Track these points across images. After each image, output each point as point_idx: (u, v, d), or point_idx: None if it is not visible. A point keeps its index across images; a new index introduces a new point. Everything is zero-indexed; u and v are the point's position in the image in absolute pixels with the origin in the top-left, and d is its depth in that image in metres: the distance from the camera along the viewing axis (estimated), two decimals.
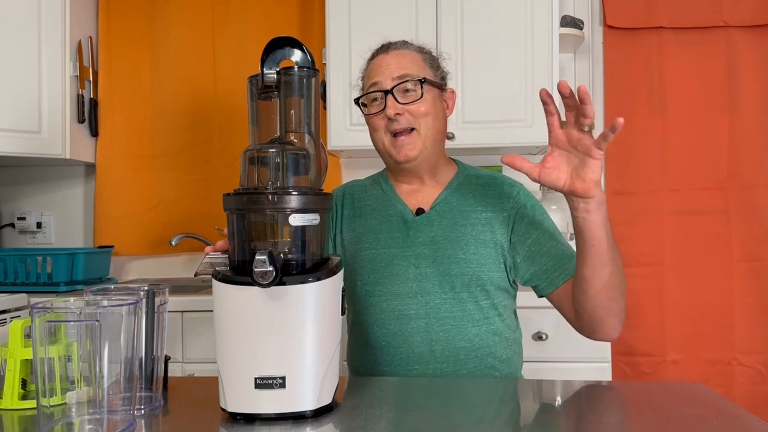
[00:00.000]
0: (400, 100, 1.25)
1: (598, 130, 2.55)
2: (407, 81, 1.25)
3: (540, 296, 1.28)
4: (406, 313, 1.25)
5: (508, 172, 2.56)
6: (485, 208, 1.30)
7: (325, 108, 2.33)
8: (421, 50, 1.33)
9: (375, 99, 1.28)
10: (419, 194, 1.34)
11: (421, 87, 1.25)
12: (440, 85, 1.32)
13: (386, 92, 1.25)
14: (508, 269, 1.28)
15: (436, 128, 1.29)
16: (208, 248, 0.99)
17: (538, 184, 2.37)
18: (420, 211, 1.31)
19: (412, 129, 1.26)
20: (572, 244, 1.17)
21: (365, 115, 1.31)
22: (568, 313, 1.24)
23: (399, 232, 1.29)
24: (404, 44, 1.32)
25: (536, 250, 1.25)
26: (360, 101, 1.31)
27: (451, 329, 1.23)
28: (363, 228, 1.33)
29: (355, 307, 1.33)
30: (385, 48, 1.31)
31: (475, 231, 1.27)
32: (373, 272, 1.28)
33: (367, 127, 1.34)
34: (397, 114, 1.24)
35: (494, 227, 1.28)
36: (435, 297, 1.24)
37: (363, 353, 1.31)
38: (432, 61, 1.33)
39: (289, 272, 0.86)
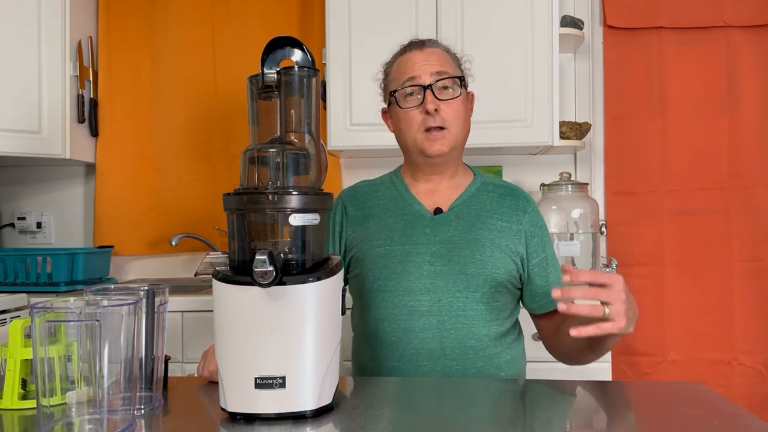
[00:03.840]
0: (438, 96, 1.26)
1: (598, 126, 2.55)
2: (446, 78, 1.27)
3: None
4: (418, 309, 1.25)
5: (508, 174, 2.57)
6: (501, 216, 1.32)
7: (325, 108, 2.33)
8: (449, 50, 1.35)
9: (410, 94, 1.29)
10: (435, 195, 1.34)
11: (459, 85, 1.28)
12: (467, 86, 1.34)
13: (425, 87, 1.26)
14: (520, 277, 1.32)
15: (465, 130, 1.32)
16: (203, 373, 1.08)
17: (539, 183, 2.38)
18: (438, 211, 1.32)
19: (444, 128, 1.27)
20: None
21: (400, 108, 1.30)
22: (543, 334, 1.36)
23: (415, 230, 1.30)
24: (436, 43, 1.34)
25: (538, 272, 1.32)
26: (396, 95, 1.30)
27: (462, 327, 1.24)
28: (376, 226, 1.33)
29: (364, 303, 1.32)
30: (419, 45, 1.33)
31: (491, 235, 1.29)
32: (386, 268, 1.28)
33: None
34: (436, 110, 1.25)
35: (509, 236, 1.30)
36: (448, 295, 1.25)
37: (371, 348, 1.31)
38: (458, 62, 1.35)
39: (289, 272, 0.86)
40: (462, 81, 1.29)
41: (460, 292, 1.25)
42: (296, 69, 0.94)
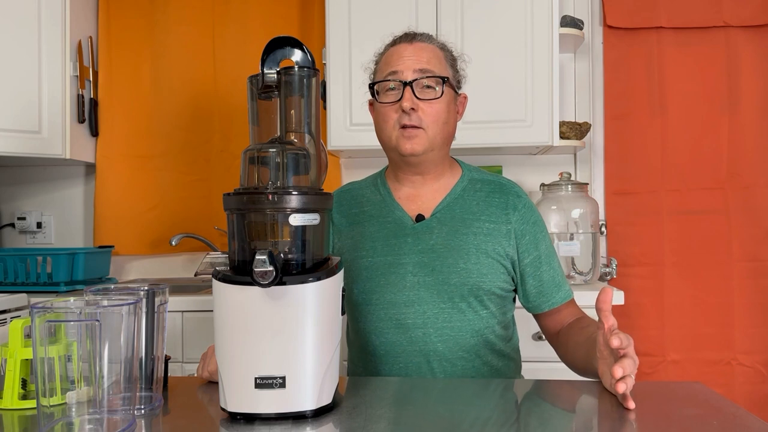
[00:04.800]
0: (418, 95, 1.20)
1: (598, 125, 2.55)
2: (429, 77, 1.21)
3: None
4: (404, 323, 1.22)
5: (509, 174, 2.57)
6: (488, 218, 1.26)
7: (325, 108, 2.33)
8: (444, 47, 1.29)
9: (391, 88, 1.22)
10: (419, 200, 1.29)
11: (442, 86, 1.22)
12: (456, 88, 1.28)
13: (405, 84, 1.20)
14: (513, 278, 1.28)
15: (445, 132, 1.25)
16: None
17: (539, 183, 2.38)
18: (420, 218, 1.27)
19: (420, 128, 1.21)
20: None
21: (378, 102, 1.25)
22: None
23: (396, 239, 1.25)
24: (429, 38, 1.27)
25: (530, 271, 1.27)
26: (374, 88, 1.26)
27: (449, 339, 1.21)
28: (361, 235, 1.29)
29: (353, 315, 1.30)
30: (410, 38, 1.26)
31: (477, 240, 1.23)
32: (369, 280, 1.24)
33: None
34: (412, 109, 1.19)
35: (497, 238, 1.24)
36: (432, 306, 1.21)
37: (363, 360, 1.29)
38: (453, 61, 1.29)
39: (289, 272, 0.86)
40: (446, 81, 1.22)
41: (444, 303, 1.21)
42: (296, 69, 0.94)
